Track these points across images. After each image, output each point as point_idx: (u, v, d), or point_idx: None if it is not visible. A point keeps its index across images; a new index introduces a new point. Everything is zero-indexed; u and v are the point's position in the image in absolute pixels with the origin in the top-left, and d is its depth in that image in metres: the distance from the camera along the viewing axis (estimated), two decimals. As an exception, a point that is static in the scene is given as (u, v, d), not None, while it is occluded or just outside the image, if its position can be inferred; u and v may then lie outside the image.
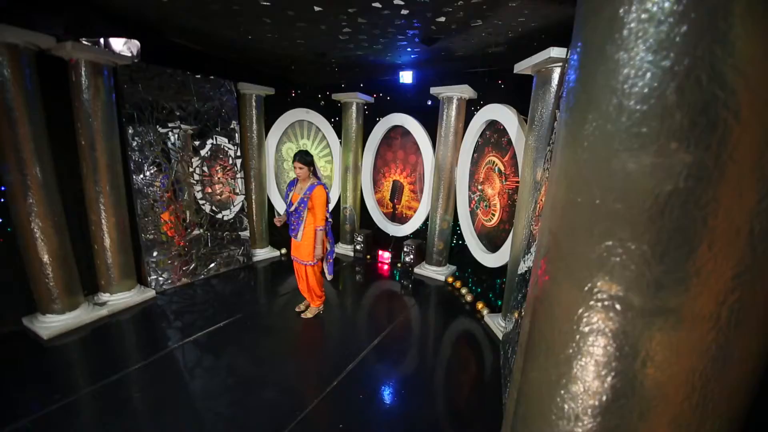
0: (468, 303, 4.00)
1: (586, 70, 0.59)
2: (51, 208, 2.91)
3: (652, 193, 0.51)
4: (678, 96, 0.48)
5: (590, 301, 0.60)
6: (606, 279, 0.57)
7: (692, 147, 0.48)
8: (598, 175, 0.57)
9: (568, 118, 0.64)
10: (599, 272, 0.58)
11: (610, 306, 0.57)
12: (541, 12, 2.84)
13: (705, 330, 0.52)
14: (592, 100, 0.57)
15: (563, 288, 0.64)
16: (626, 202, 0.53)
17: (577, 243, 0.61)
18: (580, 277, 0.61)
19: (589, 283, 0.59)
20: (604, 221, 0.56)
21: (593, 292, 0.59)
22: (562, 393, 0.65)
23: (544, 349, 0.69)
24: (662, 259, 0.52)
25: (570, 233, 0.62)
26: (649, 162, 0.50)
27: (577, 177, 0.61)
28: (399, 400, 2.49)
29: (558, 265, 0.66)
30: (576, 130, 0.61)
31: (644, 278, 0.54)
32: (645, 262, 0.53)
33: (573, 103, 0.63)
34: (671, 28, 0.47)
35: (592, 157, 0.58)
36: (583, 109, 0.59)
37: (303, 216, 3.09)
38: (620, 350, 0.58)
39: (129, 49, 3.42)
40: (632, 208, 0.53)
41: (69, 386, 2.39)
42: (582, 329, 0.61)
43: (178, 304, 3.62)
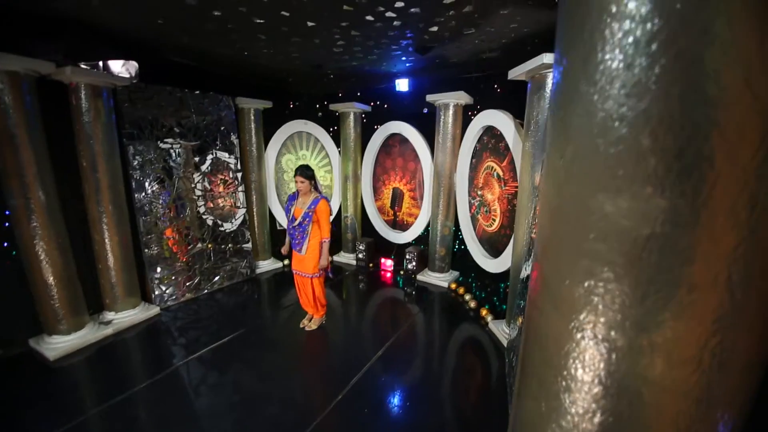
0: (472, 309, 3.98)
1: (565, 106, 0.59)
2: (55, 230, 2.94)
3: (630, 236, 0.51)
4: (652, 141, 0.48)
5: (577, 336, 0.60)
6: (591, 317, 0.57)
7: (667, 192, 0.48)
8: (578, 212, 0.57)
9: (548, 152, 0.64)
10: (584, 309, 0.58)
11: (595, 343, 0.57)
12: (533, 18, 2.85)
13: (688, 372, 0.52)
14: (570, 136, 0.57)
15: (551, 321, 0.64)
16: (607, 243, 0.53)
17: (563, 278, 0.61)
18: (566, 313, 0.61)
19: (575, 319, 0.59)
20: (586, 260, 0.56)
21: (579, 329, 0.59)
22: (554, 426, 0.65)
23: (536, 379, 0.69)
24: (642, 301, 0.52)
25: (556, 268, 0.62)
26: (626, 205, 0.51)
27: (558, 211, 0.61)
28: (405, 412, 2.48)
29: (546, 298, 0.66)
30: (555, 165, 0.61)
31: (626, 319, 0.54)
32: (624, 303, 0.53)
33: (554, 137, 0.63)
34: (645, 72, 0.47)
35: (571, 195, 0.58)
36: (561, 146, 0.59)
37: (308, 230, 3.11)
38: (607, 388, 0.57)
39: (127, 70, 3.47)
40: (612, 250, 0.53)
41: (76, 407, 2.40)
42: (570, 364, 0.61)
43: (182, 320, 3.64)
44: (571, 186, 0.58)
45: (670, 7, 0.44)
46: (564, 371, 0.62)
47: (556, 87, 0.62)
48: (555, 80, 0.64)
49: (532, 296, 0.71)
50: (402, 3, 2.57)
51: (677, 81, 0.46)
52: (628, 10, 0.46)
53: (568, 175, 0.58)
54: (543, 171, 0.69)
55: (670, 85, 0.46)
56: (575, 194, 0.57)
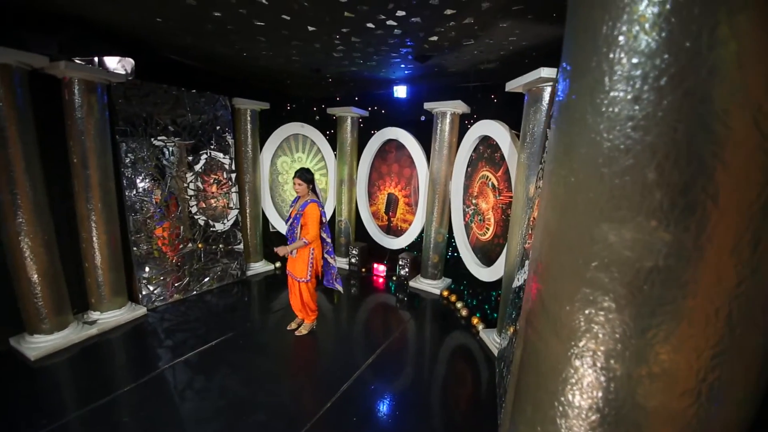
0: (463, 317, 3.98)
1: (569, 133, 0.59)
2: (41, 227, 2.87)
3: (633, 267, 0.52)
4: (658, 174, 0.48)
5: (576, 363, 0.59)
6: (591, 344, 0.57)
7: (672, 226, 0.49)
8: (580, 240, 0.57)
9: (551, 177, 0.65)
10: (584, 336, 0.58)
11: (594, 371, 0.57)
12: (532, 32, 2.89)
13: (686, 404, 0.52)
14: (574, 165, 0.58)
15: (550, 345, 0.64)
16: (609, 273, 0.54)
17: (562, 304, 0.61)
18: (565, 339, 0.60)
19: (574, 346, 0.59)
20: (587, 287, 0.56)
21: (579, 356, 0.59)
22: None
23: (531, 403, 0.69)
24: (643, 333, 0.52)
25: (555, 293, 0.62)
26: (630, 237, 0.51)
27: (559, 237, 0.61)
28: (394, 420, 2.46)
29: (544, 322, 0.66)
30: (558, 191, 0.62)
31: (626, 349, 0.54)
32: (626, 334, 0.53)
33: (556, 164, 0.63)
34: (653, 106, 0.48)
35: (575, 221, 0.58)
36: (566, 173, 0.59)
37: (296, 232, 3.11)
38: (604, 416, 0.57)
39: (123, 67, 3.42)
40: (614, 280, 0.53)
41: (56, 410, 2.33)
42: (567, 390, 0.61)
43: (169, 322, 3.57)
44: (574, 214, 0.58)
45: (679, 45, 0.44)
46: (561, 397, 0.61)
47: (560, 111, 0.63)
48: (559, 102, 0.64)
49: (530, 318, 0.71)
50: (403, 12, 2.59)
51: (685, 117, 0.46)
52: (638, 43, 0.47)
53: (571, 203, 0.58)
54: (544, 194, 0.69)
55: (677, 121, 0.47)
56: (578, 222, 0.57)
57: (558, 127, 0.64)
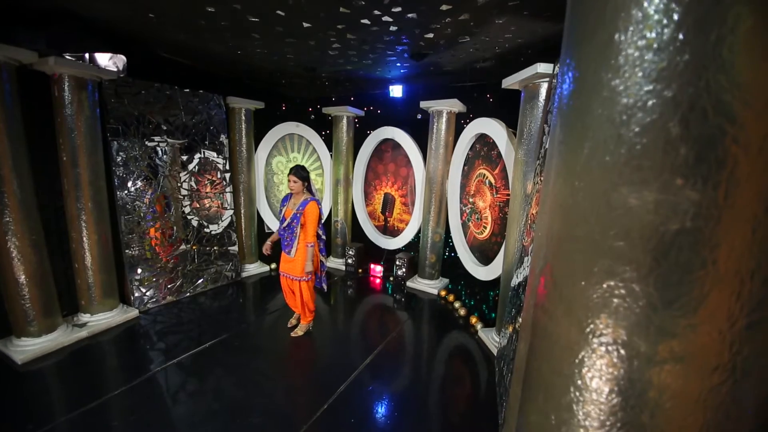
0: (461, 317, 3.94)
1: (581, 96, 0.56)
2: (29, 226, 2.79)
3: (657, 232, 0.48)
4: (682, 129, 0.45)
5: (592, 344, 0.55)
6: (609, 321, 0.53)
7: (699, 184, 0.45)
8: (596, 209, 0.53)
9: (562, 147, 0.61)
10: (601, 313, 0.54)
11: (613, 351, 0.53)
12: (527, 28, 2.89)
13: (717, 381, 0.48)
14: (587, 128, 0.54)
15: (562, 326, 0.60)
16: (629, 240, 0.50)
17: (576, 280, 0.57)
18: (580, 317, 0.57)
19: (590, 324, 0.55)
20: (605, 259, 0.52)
21: (595, 335, 0.55)
22: None
23: (543, 390, 0.65)
24: (670, 304, 0.48)
25: (569, 269, 0.59)
26: (653, 198, 0.47)
27: (573, 209, 0.57)
28: (393, 422, 2.40)
29: (556, 301, 0.62)
30: (571, 160, 0.58)
31: (650, 323, 0.50)
32: (650, 305, 0.49)
33: (567, 131, 0.60)
34: (672, 56, 0.44)
35: (589, 190, 0.55)
36: (579, 138, 0.56)
37: (296, 232, 3.04)
38: (626, 399, 0.53)
39: (114, 64, 3.37)
40: (635, 247, 0.49)
41: (43, 414, 2.25)
42: (584, 374, 0.57)
43: (162, 324, 3.49)
44: (589, 181, 0.54)
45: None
46: (577, 381, 0.57)
47: (570, 79, 0.59)
48: (567, 76, 0.61)
49: (540, 301, 0.67)
50: (399, 8, 2.57)
51: (711, 63, 0.43)
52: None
53: (585, 171, 0.54)
54: (554, 171, 0.65)
55: (702, 69, 0.43)
56: (594, 190, 0.53)
57: (567, 95, 0.60)
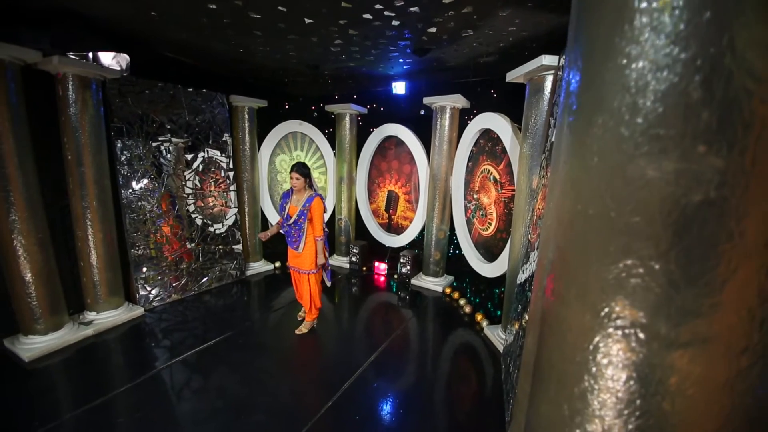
0: (467, 314, 3.91)
1: (592, 66, 0.53)
2: (35, 225, 2.81)
3: (678, 204, 0.45)
4: (704, 92, 0.42)
5: (608, 328, 0.52)
6: (626, 303, 0.50)
7: (724, 150, 0.42)
8: (611, 184, 0.50)
9: (573, 122, 0.58)
10: (617, 295, 0.51)
11: (631, 334, 0.50)
12: (531, 20, 2.84)
13: (745, 364, 0.45)
14: (600, 100, 0.51)
15: (574, 311, 0.57)
16: (647, 215, 0.47)
17: (589, 261, 0.54)
18: (594, 301, 0.54)
19: (605, 307, 0.52)
20: (621, 237, 0.49)
21: (611, 318, 0.52)
22: (579, 431, 0.57)
23: (555, 380, 0.62)
24: (693, 281, 0.45)
25: (581, 250, 0.56)
26: (673, 168, 0.44)
27: (586, 186, 0.54)
28: (398, 419, 2.38)
29: (568, 285, 0.59)
30: (583, 135, 0.55)
31: (671, 303, 0.47)
32: (672, 284, 0.46)
33: (578, 105, 0.57)
34: (691, 15, 0.41)
35: (603, 164, 0.52)
36: (591, 111, 0.53)
37: (304, 228, 3.08)
38: (645, 386, 0.50)
39: (118, 63, 3.38)
40: (654, 222, 0.46)
41: (50, 412, 2.26)
42: (599, 360, 0.54)
43: (167, 322, 3.50)
44: (603, 156, 0.50)
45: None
46: (592, 368, 0.54)
47: (580, 48, 0.56)
48: (577, 44, 0.58)
49: (551, 286, 0.64)
50: (401, 2, 2.54)
51: (732, 22, 0.40)
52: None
53: (599, 145, 0.51)
54: (565, 149, 0.62)
55: (723, 27, 0.40)
56: (608, 165, 0.50)
57: (580, 62, 0.57)
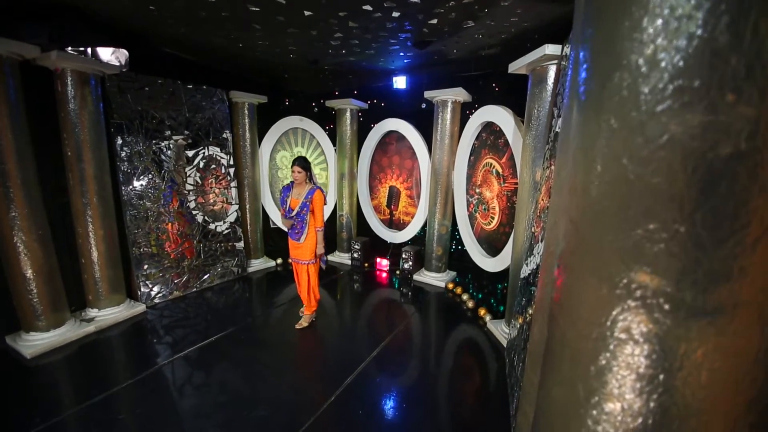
0: (470, 309, 3.88)
1: (606, 20, 0.49)
2: (35, 221, 2.79)
3: (705, 159, 0.42)
4: (731, 36, 0.39)
5: (627, 300, 0.49)
6: (647, 271, 0.47)
7: (755, 97, 0.39)
8: (630, 145, 0.47)
9: (587, 83, 0.55)
10: (638, 263, 0.47)
11: (653, 305, 0.47)
12: (534, 11, 2.80)
13: None
14: (616, 55, 0.48)
15: (590, 286, 0.54)
16: (669, 174, 0.43)
17: (606, 230, 0.51)
18: (612, 272, 0.50)
19: (624, 277, 0.49)
20: (642, 200, 0.46)
21: (631, 289, 0.49)
22: (595, 413, 0.54)
23: (569, 359, 0.59)
24: (721, 243, 0.42)
25: (597, 219, 0.52)
26: (698, 121, 0.41)
27: (602, 152, 0.51)
28: (401, 414, 2.36)
29: (582, 259, 0.56)
30: (598, 95, 0.52)
31: (698, 268, 0.44)
32: (698, 247, 0.43)
33: (591, 65, 0.54)
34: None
35: (621, 125, 0.48)
36: (606, 69, 0.50)
37: (306, 219, 3.14)
38: (669, 360, 0.47)
39: (117, 59, 3.36)
40: (678, 181, 0.43)
41: (51, 407, 2.25)
42: (617, 335, 0.51)
43: (169, 319, 3.49)
44: (621, 115, 0.47)
45: None
46: (610, 344, 0.51)
47: (594, 2, 0.52)
48: (589, 6, 0.54)
49: (563, 260, 0.60)
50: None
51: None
52: None
53: (617, 104, 0.47)
54: (577, 118, 0.58)
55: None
56: (627, 124, 0.46)
57: (591, 16, 0.54)
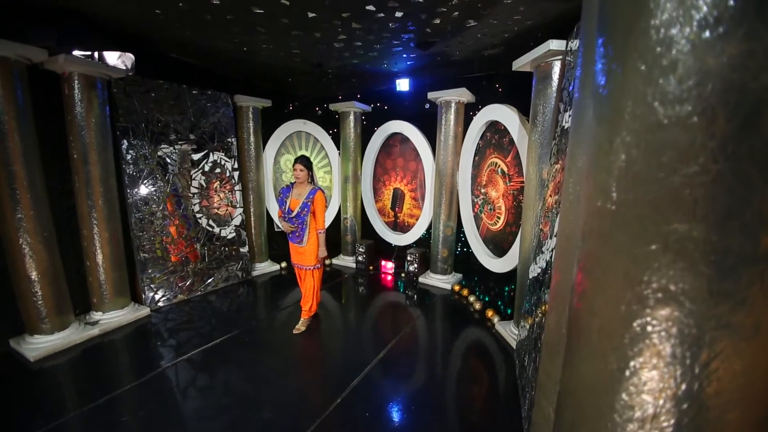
0: (477, 311, 3.82)
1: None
2: (41, 223, 2.80)
3: (745, 91, 0.37)
4: None
5: (664, 255, 0.45)
6: (686, 220, 0.43)
7: None
8: (660, 87, 0.43)
9: (608, 39, 0.52)
10: (675, 213, 0.43)
11: (696, 257, 0.43)
12: (537, 8, 2.80)
13: None
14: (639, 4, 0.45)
15: (621, 245, 0.50)
16: (708, 111, 0.39)
17: (638, 182, 0.46)
18: (646, 225, 0.45)
19: (660, 229, 0.45)
20: (677, 144, 0.42)
21: (668, 242, 0.44)
22: (630, 384, 0.49)
23: (597, 330, 0.54)
24: None
25: (628, 171, 0.49)
26: (737, 50, 0.37)
27: (626, 94, 0.48)
28: (408, 416, 2.30)
29: (612, 218, 0.51)
30: (623, 38, 0.48)
31: (747, 209, 0.39)
32: (745, 185, 0.38)
33: (614, 16, 0.50)
34: None
35: (650, 67, 0.45)
36: (633, 11, 0.47)
37: (307, 221, 3.06)
38: (715, 318, 0.43)
39: (123, 63, 3.40)
40: (717, 118, 0.39)
41: (53, 410, 2.22)
42: (654, 295, 0.46)
43: (173, 322, 3.46)
44: (650, 56, 0.43)
45: None
46: (646, 307, 0.47)
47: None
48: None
49: (590, 223, 0.57)
50: (405, -10, 2.52)
51: None
52: None
53: (645, 45, 0.44)
54: (592, 60, 0.55)
55: None
56: (657, 64, 0.43)
57: None
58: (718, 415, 0.43)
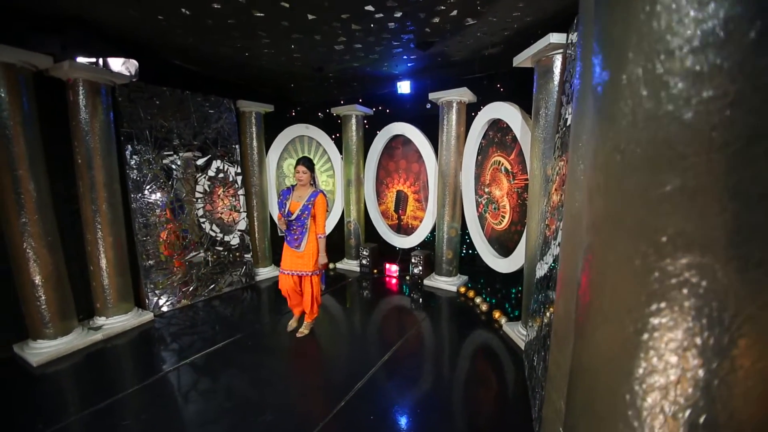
0: (483, 313, 3.75)
1: None
2: (45, 228, 2.81)
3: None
4: None
5: (687, 190, 0.41)
6: (706, 153, 0.39)
7: None
8: (680, 27, 0.40)
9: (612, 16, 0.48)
10: (692, 144, 0.39)
11: (722, 192, 0.39)
12: (536, 4, 2.80)
13: None
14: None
15: (635, 199, 0.45)
16: (728, 75, 0.36)
17: (645, 174, 0.43)
18: (663, 162, 0.42)
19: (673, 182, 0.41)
20: (694, 126, 0.38)
21: (686, 177, 0.40)
22: (651, 354, 0.43)
23: (610, 291, 0.50)
24: None
25: (641, 155, 0.43)
26: None
27: (634, 47, 0.44)
28: (414, 419, 2.24)
29: (637, 164, 0.46)
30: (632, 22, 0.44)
31: None
32: None
33: None
34: None
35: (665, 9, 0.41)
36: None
37: (307, 224, 2.98)
38: None
39: (127, 69, 3.44)
40: (730, 61, 0.35)
41: (54, 414, 2.19)
42: (674, 242, 0.42)
43: (176, 327, 3.44)
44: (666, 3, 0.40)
45: None
46: (666, 258, 0.42)
47: None
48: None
49: (594, 178, 0.53)
50: (404, -12, 2.53)
51: None
52: None
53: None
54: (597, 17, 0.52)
55: None
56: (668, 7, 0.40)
57: None
58: (751, 370, 0.38)
